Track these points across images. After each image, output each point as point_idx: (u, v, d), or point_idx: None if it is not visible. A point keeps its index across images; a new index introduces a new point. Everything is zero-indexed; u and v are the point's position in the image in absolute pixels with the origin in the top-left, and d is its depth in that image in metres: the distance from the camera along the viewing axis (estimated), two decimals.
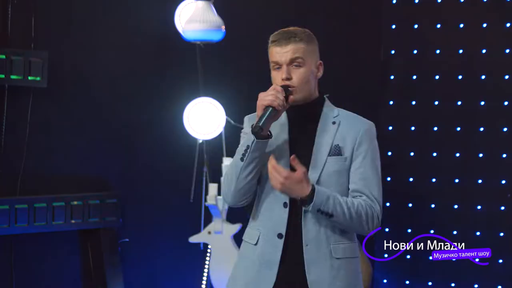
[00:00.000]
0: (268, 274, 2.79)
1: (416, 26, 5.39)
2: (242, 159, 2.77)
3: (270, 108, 2.72)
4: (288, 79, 2.79)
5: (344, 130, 2.82)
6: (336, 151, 2.79)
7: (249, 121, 2.92)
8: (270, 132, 2.79)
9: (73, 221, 5.06)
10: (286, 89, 2.77)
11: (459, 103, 5.25)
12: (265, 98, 2.73)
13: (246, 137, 2.80)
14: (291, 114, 2.87)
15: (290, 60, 2.80)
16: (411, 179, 5.36)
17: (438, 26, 5.32)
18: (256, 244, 2.84)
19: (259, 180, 2.85)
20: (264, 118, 2.71)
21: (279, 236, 2.79)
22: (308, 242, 2.77)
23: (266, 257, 2.81)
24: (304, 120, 2.86)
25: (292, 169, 2.73)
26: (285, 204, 2.79)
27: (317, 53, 2.86)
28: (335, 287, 2.78)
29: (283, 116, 2.87)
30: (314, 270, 2.76)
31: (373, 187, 2.80)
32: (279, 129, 2.86)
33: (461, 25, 5.25)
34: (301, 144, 2.83)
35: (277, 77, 2.83)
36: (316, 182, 2.76)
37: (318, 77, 2.87)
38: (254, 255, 2.84)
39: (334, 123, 2.83)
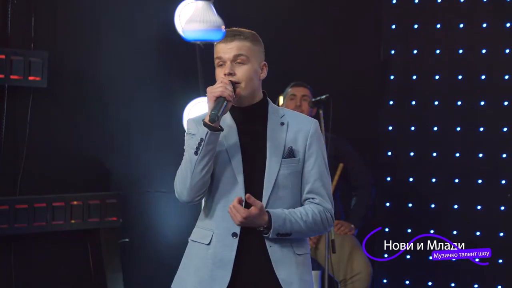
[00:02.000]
0: (222, 274, 2.79)
1: (416, 26, 5.39)
2: (196, 153, 2.79)
3: (222, 99, 2.75)
4: (231, 74, 2.81)
5: (294, 130, 2.84)
6: (289, 153, 2.81)
7: (194, 123, 2.94)
8: (220, 125, 2.81)
9: (73, 221, 5.05)
10: (232, 83, 2.80)
11: (459, 103, 5.25)
12: (215, 90, 2.77)
13: (199, 131, 2.81)
14: (237, 116, 2.87)
15: (233, 57, 2.82)
16: (411, 179, 5.37)
17: (438, 26, 5.33)
18: (208, 244, 2.85)
19: (211, 178, 2.86)
20: (218, 107, 2.75)
21: (234, 235, 2.79)
22: (271, 244, 2.79)
23: (219, 257, 2.81)
24: (251, 122, 2.86)
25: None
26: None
27: (262, 54, 2.88)
28: (303, 283, 2.82)
29: (229, 118, 2.88)
30: (283, 269, 2.79)
31: (327, 186, 2.85)
32: (227, 131, 2.86)
33: (461, 25, 5.26)
34: (253, 146, 2.84)
35: (220, 73, 2.86)
36: (273, 184, 2.79)
37: (261, 78, 2.87)
38: (206, 255, 2.84)
39: (282, 124, 2.85)
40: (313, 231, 2.82)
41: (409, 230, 5.33)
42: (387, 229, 5.38)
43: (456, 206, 5.23)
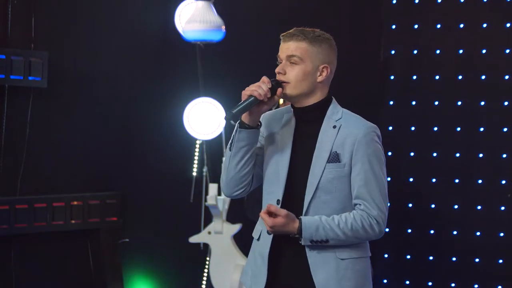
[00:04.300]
0: (263, 269, 2.86)
1: (416, 26, 5.38)
2: (230, 149, 2.86)
3: (252, 98, 2.77)
4: (281, 73, 2.83)
5: (343, 135, 2.82)
6: (334, 158, 2.80)
7: (262, 118, 2.96)
8: (260, 122, 2.87)
9: (73, 221, 5.06)
10: (277, 82, 2.82)
11: (459, 103, 5.24)
12: (249, 88, 2.80)
13: (235, 127, 2.86)
14: (297, 115, 2.90)
15: (287, 57, 2.83)
16: (411, 179, 5.36)
17: (438, 26, 5.32)
18: (258, 239, 2.92)
19: (263, 177, 2.91)
20: (240, 106, 2.77)
21: (268, 232, 2.84)
22: (310, 247, 2.80)
23: (261, 253, 2.88)
24: (307, 122, 2.88)
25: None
26: (278, 201, 2.85)
27: (323, 56, 2.84)
28: (343, 287, 2.81)
29: (292, 119, 2.90)
30: (320, 273, 2.80)
31: (374, 192, 2.79)
32: (286, 130, 2.89)
33: (461, 25, 5.25)
34: (303, 148, 2.86)
35: (275, 71, 2.88)
36: (315, 188, 2.80)
37: (319, 80, 2.84)
38: (257, 250, 2.92)
39: (334, 127, 2.83)
40: (355, 238, 2.79)
41: (409, 231, 5.33)
42: (387, 229, 5.33)
43: (456, 206, 5.22)
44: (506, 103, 5.12)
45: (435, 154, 5.30)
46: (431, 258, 5.27)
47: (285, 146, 2.86)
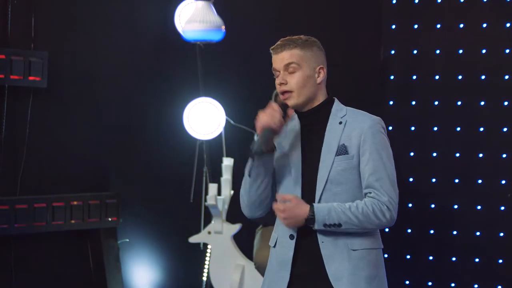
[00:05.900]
0: (283, 274, 2.88)
1: (416, 26, 5.39)
2: (249, 175, 2.91)
3: (268, 130, 2.83)
4: (283, 84, 2.89)
5: (350, 128, 2.88)
6: (342, 150, 2.86)
7: None
8: (275, 146, 2.91)
9: (73, 221, 5.06)
10: (283, 105, 2.88)
11: (459, 103, 5.24)
12: (263, 119, 2.84)
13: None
14: (303, 121, 2.95)
15: (284, 66, 2.89)
16: (411, 179, 5.36)
17: (438, 26, 5.32)
18: (274, 246, 2.95)
19: (276, 188, 2.96)
20: (259, 141, 2.83)
21: (291, 237, 2.88)
22: (323, 239, 2.84)
23: (280, 258, 2.91)
24: (313, 124, 2.94)
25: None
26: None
27: (316, 58, 2.92)
28: (356, 277, 2.83)
29: (296, 122, 2.96)
30: (333, 264, 2.83)
31: (383, 180, 2.86)
32: (293, 137, 2.95)
33: (461, 25, 5.25)
34: (311, 148, 2.91)
35: (276, 84, 2.92)
36: (325, 181, 2.85)
37: (318, 82, 2.92)
38: (273, 257, 2.95)
39: (340, 123, 2.90)
40: (367, 223, 2.83)
41: (409, 231, 5.33)
42: (387, 229, 5.37)
43: (456, 206, 5.22)
44: (506, 103, 5.12)
45: (435, 154, 5.30)
46: (431, 258, 5.27)
47: (295, 151, 2.92)
